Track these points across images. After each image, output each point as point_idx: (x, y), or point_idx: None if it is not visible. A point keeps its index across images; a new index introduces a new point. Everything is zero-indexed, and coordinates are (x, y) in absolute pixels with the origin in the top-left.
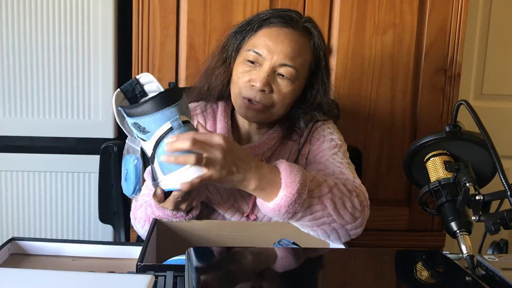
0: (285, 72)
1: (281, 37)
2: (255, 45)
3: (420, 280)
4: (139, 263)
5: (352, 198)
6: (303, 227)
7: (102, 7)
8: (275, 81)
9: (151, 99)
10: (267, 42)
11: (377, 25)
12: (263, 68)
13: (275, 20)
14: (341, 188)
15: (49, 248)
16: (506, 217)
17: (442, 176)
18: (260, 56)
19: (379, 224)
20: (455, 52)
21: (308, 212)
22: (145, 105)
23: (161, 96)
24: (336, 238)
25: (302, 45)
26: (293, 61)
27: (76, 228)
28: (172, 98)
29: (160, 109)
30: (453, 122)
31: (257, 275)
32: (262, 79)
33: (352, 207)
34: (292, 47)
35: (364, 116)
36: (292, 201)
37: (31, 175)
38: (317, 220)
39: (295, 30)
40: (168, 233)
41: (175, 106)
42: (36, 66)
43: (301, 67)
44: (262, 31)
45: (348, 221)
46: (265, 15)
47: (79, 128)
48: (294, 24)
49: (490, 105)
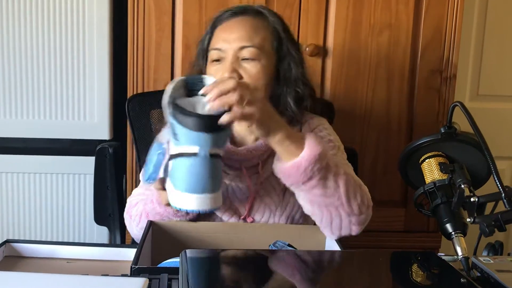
0: (248, 53)
1: (233, 25)
2: (214, 44)
3: (415, 282)
4: (133, 266)
5: (362, 192)
6: (311, 203)
7: (97, 8)
8: (242, 66)
9: (197, 116)
10: (223, 36)
11: (373, 25)
12: (226, 59)
13: (226, 14)
14: (355, 179)
15: (43, 250)
16: (500, 219)
17: (437, 177)
18: (220, 51)
19: (375, 225)
20: (451, 53)
21: (322, 183)
22: (188, 118)
23: (205, 119)
24: (337, 227)
25: (256, 25)
26: (251, 41)
27: (71, 230)
28: (215, 127)
29: (197, 130)
30: (448, 124)
31: (252, 277)
32: (227, 67)
33: (361, 201)
34: (246, 29)
35: (360, 117)
36: (312, 163)
37: (26, 176)
38: (328, 198)
39: (246, 16)
40: (163, 235)
41: (213, 136)
42: (30, 67)
43: (262, 45)
44: (217, 30)
45: (354, 212)
46: (217, 15)
47: (74, 129)
48: (244, 11)
49: (486, 106)
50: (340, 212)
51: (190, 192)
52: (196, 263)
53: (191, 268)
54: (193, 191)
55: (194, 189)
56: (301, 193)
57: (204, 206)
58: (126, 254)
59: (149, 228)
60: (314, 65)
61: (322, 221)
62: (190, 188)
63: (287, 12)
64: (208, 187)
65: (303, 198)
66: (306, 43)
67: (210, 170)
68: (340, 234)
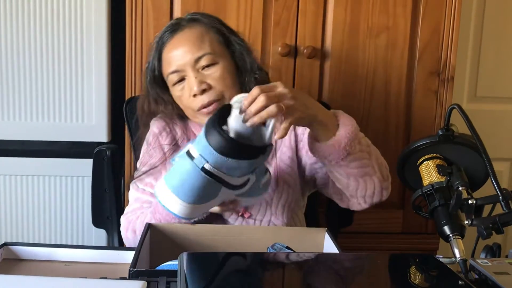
0: (205, 61)
1: (178, 42)
2: (168, 68)
3: (413, 284)
4: (132, 269)
5: (382, 158)
6: (347, 177)
7: (95, 9)
8: (205, 76)
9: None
10: (172, 56)
11: (371, 28)
12: (188, 75)
13: (164, 36)
14: (375, 148)
15: (41, 253)
16: (498, 222)
17: (435, 180)
18: (178, 72)
19: (373, 227)
20: (448, 55)
21: (359, 156)
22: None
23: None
24: (370, 195)
25: (196, 33)
26: (202, 49)
27: (69, 232)
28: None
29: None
30: (445, 126)
31: (250, 280)
32: (194, 82)
33: (386, 166)
34: (192, 41)
35: (358, 119)
36: (350, 139)
37: (23, 179)
38: (363, 168)
39: (183, 29)
40: (161, 238)
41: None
42: (29, 69)
43: (212, 48)
44: (163, 53)
45: (384, 178)
46: (156, 40)
47: (72, 131)
48: (179, 26)
49: (484, 107)
50: (374, 180)
51: (171, 190)
52: (195, 265)
53: (190, 271)
54: (175, 191)
55: (176, 190)
56: (339, 169)
57: (176, 210)
58: (124, 256)
59: (147, 230)
60: (312, 68)
61: (357, 192)
62: (173, 187)
63: (285, 14)
64: (189, 197)
65: (340, 173)
66: (304, 45)
67: (197, 183)
68: (372, 202)
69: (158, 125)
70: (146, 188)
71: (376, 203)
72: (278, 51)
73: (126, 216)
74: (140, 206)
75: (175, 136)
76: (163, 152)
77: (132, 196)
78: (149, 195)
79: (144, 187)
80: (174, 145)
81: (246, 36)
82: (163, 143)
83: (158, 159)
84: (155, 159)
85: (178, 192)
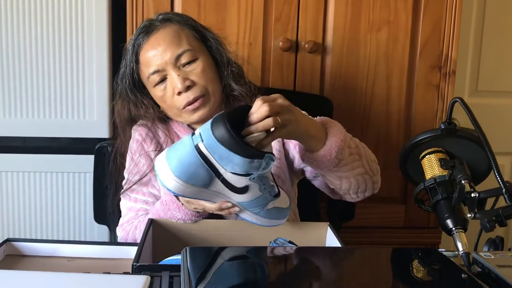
0: (185, 58)
1: (154, 43)
2: (147, 69)
3: (416, 278)
4: (135, 264)
5: (372, 154)
6: (339, 179)
7: (96, 6)
8: (187, 72)
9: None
10: (151, 57)
11: (372, 22)
12: (170, 74)
13: (139, 38)
14: (363, 145)
15: (44, 249)
16: (501, 214)
17: (437, 173)
18: (159, 72)
19: (375, 221)
20: (450, 49)
21: (350, 159)
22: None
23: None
24: (363, 191)
25: (172, 31)
26: (180, 46)
27: (71, 228)
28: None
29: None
30: (448, 120)
31: (253, 274)
32: (177, 80)
33: (374, 160)
34: (168, 39)
35: (359, 114)
36: (339, 147)
37: (25, 175)
38: (355, 169)
39: (158, 29)
40: (164, 233)
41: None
42: (29, 66)
43: (190, 44)
44: (140, 55)
45: (374, 173)
46: (131, 43)
47: (73, 128)
48: (153, 27)
49: (485, 101)
50: (365, 177)
51: (167, 161)
52: (198, 260)
53: (193, 265)
54: (169, 163)
55: (171, 162)
56: (331, 174)
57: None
58: (127, 252)
59: (149, 226)
60: (313, 62)
61: (350, 190)
62: (169, 159)
63: (286, 9)
64: (180, 172)
65: (332, 177)
66: (305, 40)
67: (188, 159)
68: (364, 196)
69: (141, 132)
70: (138, 196)
71: (367, 197)
72: (279, 46)
73: (123, 227)
74: (135, 215)
75: (159, 140)
76: (150, 159)
77: (125, 206)
78: (142, 202)
79: (136, 196)
80: (159, 150)
81: (247, 31)
82: (148, 150)
83: (147, 166)
84: (143, 167)
85: (172, 163)
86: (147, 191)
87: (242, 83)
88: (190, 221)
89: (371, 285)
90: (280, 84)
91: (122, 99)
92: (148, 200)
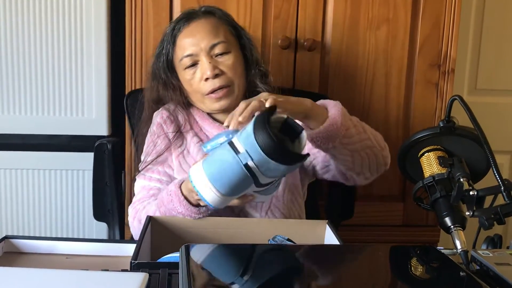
0: (219, 49)
1: (194, 29)
2: (182, 52)
3: (414, 275)
4: (133, 261)
5: (374, 130)
6: (351, 154)
7: (95, 3)
8: (218, 62)
9: (268, 135)
10: (189, 41)
11: (371, 20)
12: (202, 60)
13: (181, 23)
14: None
15: (42, 246)
16: (500, 212)
17: (436, 171)
18: (192, 56)
19: (373, 219)
20: (449, 47)
21: (356, 130)
22: (263, 131)
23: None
24: (375, 167)
25: (213, 23)
26: (218, 37)
27: (70, 226)
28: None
29: (258, 143)
30: (447, 118)
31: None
32: (208, 67)
33: (380, 136)
34: (208, 29)
35: (358, 111)
36: (343, 115)
37: (24, 172)
38: (363, 141)
39: (199, 18)
40: (162, 230)
41: (266, 158)
42: (28, 63)
43: (226, 38)
44: (178, 38)
45: (382, 147)
46: (171, 27)
47: (72, 125)
48: (195, 16)
49: (484, 100)
50: (374, 151)
51: (208, 178)
52: (197, 257)
53: (192, 263)
54: (212, 180)
55: (213, 178)
56: (343, 150)
57: (209, 198)
58: (126, 249)
59: (148, 223)
60: (312, 60)
61: (363, 167)
62: (211, 175)
63: (285, 7)
64: (224, 189)
65: (344, 153)
66: (304, 38)
67: (236, 178)
68: (377, 173)
69: (162, 114)
70: (153, 175)
71: (380, 174)
72: (278, 44)
73: (134, 205)
74: (146, 194)
75: (178, 124)
76: (168, 139)
77: (139, 185)
78: (156, 181)
79: (151, 175)
80: (178, 132)
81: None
82: (168, 131)
83: (164, 146)
84: (160, 147)
85: (216, 181)
86: (163, 170)
87: (266, 83)
88: (189, 217)
89: (369, 283)
90: (279, 82)
91: (153, 78)
92: (163, 179)
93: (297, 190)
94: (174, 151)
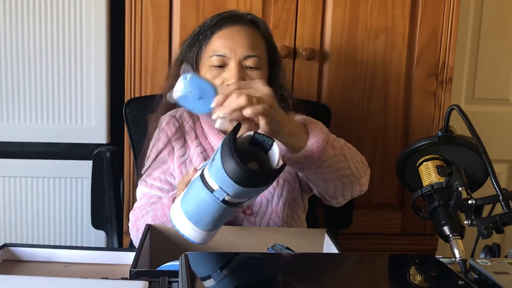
0: (251, 63)
1: (235, 34)
2: (215, 50)
3: (413, 284)
4: (133, 269)
5: (359, 154)
6: (325, 181)
7: (94, 12)
8: (246, 75)
9: (237, 163)
10: (226, 42)
11: (369, 29)
12: (231, 66)
13: (223, 21)
14: (350, 145)
15: (41, 254)
16: (498, 221)
17: (434, 180)
18: (224, 57)
19: (372, 228)
20: (446, 57)
21: (333, 161)
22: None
23: (244, 171)
24: (349, 193)
25: (254, 35)
26: (254, 50)
27: (68, 234)
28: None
29: (229, 175)
30: (445, 127)
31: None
32: (235, 75)
33: (362, 162)
34: (248, 39)
35: (357, 120)
36: (322, 147)
37: (23, 180)
38: (340, 170)
39: (244, 25)
40: (162, 238)
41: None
42: (28, 71)
43: (261, 54)
44: (216, 35)
45: (361, 175)
46: (212, 21)
47: (71, 133)
48: (240, 20)
49: (481, 109)
50: (351, 179)
51: (188, 218)
52: (196, 265)
53: (191, 271)
54: (192, 220)
55: (194, 219)
56: (316, 176)
57: (193, 238)
58: (125, 257)
59: (147, 231)
60: (311, 69)
61: (336, 192)
62: (191, 215)
63: (284, 16)
64: (207, 226)
65: (317, 179)
66: (303, 47)
67: (217, 214)
68: (351, 197)
69: (168, 120)
70: (154, 183)
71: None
72: None
73: (134, 212)
74: (147, 201)
75: (183, 131)
76: (171, 146)
77: (141, 191)
78: (157, 189)
79: (152, 182)
80: (179, 133)
81: None
82: (169, 132)
83: (167, 152)
84: (163, 153)
85: (198, 222)
86: (164, 178)
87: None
88: None
89: None
90: None
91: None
92: (163, 188)
93: (297, 204)
94: (176, 160)
